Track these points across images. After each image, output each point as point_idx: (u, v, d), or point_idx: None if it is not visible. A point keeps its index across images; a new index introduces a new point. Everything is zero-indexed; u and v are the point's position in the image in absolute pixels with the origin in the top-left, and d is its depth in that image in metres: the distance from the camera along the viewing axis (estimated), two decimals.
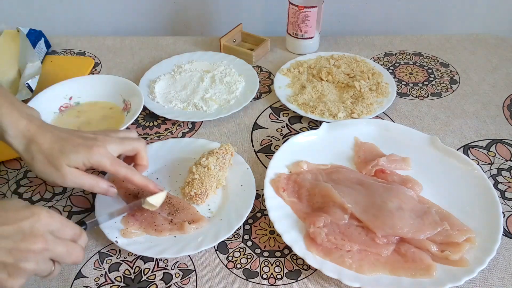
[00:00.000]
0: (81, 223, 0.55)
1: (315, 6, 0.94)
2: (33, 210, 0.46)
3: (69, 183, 0.56)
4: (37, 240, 0.45)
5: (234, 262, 0.61)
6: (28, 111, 0.59)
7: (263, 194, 0.67)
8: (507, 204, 0.68)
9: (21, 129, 0.56)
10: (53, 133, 0.57)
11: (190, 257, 0.62)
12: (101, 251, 0.63)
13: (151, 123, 0.84)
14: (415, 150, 0.74)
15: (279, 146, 0.76)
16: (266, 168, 0.71)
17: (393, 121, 0.83)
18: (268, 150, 0.78)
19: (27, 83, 0.81)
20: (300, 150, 0.74)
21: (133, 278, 0.60)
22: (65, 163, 0.55)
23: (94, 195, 0.70)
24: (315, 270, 0.60)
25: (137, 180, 0.60)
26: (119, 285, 0.59)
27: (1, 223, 0.44)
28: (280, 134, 0.81)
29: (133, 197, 0.66)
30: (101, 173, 0.71)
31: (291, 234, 0.62)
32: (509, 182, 0.72)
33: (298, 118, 0.85)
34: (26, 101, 0.82)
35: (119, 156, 0.60)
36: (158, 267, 0.61)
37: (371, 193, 0.65)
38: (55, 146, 0.55)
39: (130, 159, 0.64)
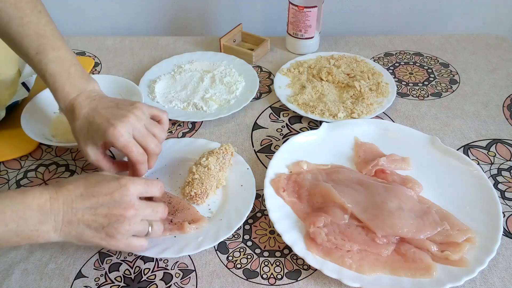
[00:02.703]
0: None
1: (315, 6, 0.94)
2: (121, 182, 0.53)
3: (92, 162, 0.62)
4: (127, 206, 0.52)
5: (234, 262, 0.61)
6: (82, 83, 0.63)
7: (263, 194, 0.67)
8: (507, 204, 0.68)
9: (67, 103, 0.61)
10: (88, 107, 0.61)
11: (190, 257, 0.62)
12: (101, 251, 0.63)
13: None
14: (415, 150, 0.74)
15: (279, 146, 0.76)
16: (266, 168, 0.71)
17: (393, 121, 0.83)
18: (268, 150, 0.78)
19: (24, 82, 0.81)
20: (300, 150, 0.74)
21: (133, 278, 0.60)
22: (87, 144, 0.60)
23: None
24: (315, 270, 0.60)
25: (137, 173, 0.62)
26: (119, 285, 0.59)
27: (97, 195, 0.51)
28: (280, 134, 0.81)
29: None
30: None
31: (291, 234, 0.62)
32: (509, 182, 0.72)
33: (298, 118, 0.85)
34: (24, 100, 0.82)
35: None
36: (158, 267, 0.61)
37: (371, 193, 0.65)
38: (84, 124, 0.60)
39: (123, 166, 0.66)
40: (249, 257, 0.62)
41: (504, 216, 0.66)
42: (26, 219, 0.48)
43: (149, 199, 0.60)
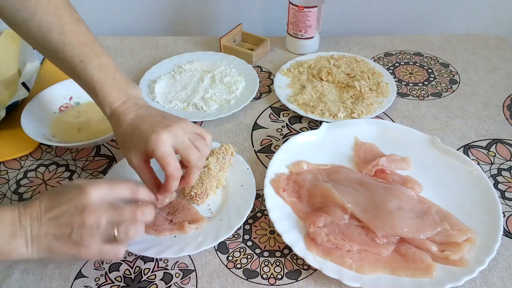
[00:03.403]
0: None
1: (315, 6, 0.94)
2: (82, 188, 0.51)
3: (134, 169, 0.60)
4: (87, 210, 0.50)
5: (234, 262, 0.61)
6: (127, 89, 0.62)
7: (263, 194, 0.67)
8: (507, 204, 0.68)
9: (113, 108, 0.61)
10: (134, 114, 0.60)
11: (190, 257, 0.62)
12: None
13: None
14: (415, 150, 0.74)
15: (279, 146, 0.76)
16: (266, 168, 0.71)
17: (393, 121, 0.83)
18: (268, 150, 0.78)
19: (23, 82, 0.81)
20: (300, 150, 0.74)
21: (133, 278, 0.60)
22: (130, 151, 0.59)
23: None
24: (315, 270, 0.60)
25: (167, 187, 0.58)
26: (119, 285, 0.59)
27: (59, 204, 0.50)
28: (280, 134, 0.81)
29: None
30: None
31: (291, 234, 0.62)
32: (509, 182, 0.72)
33: (298, 118, 0.85)
34: (24, 100, 0.82)
35: None
36: (158, 267, 0.61)
37: (371, 193, 0.65)
38: (127, 130, 0.59)
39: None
40: (249, 257, 0.62)
41: (504, 216, 0.66)
42: (1, 235, 0.49)
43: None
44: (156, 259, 0.62)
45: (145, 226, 0.62)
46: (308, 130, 0.82)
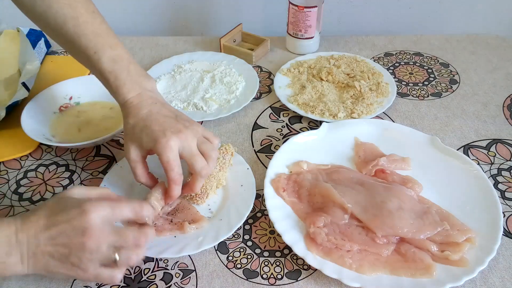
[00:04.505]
0: None
1: (315, 6, 0.94)
2: (82, 207, 0.49)
3: (129, 161, 0.60)
4: (87, 233, 0.48)
5: (234, 262, 0.61)
6: (142, 81, 0.63)
7: (263, 194, 0.67)
8: (507, 204, 0.68)
9: (126, 100, 0.61)
10: (148, 110, 0.60)
11: (190, 257, 0.62)
12: None
13: None
14: (415, 150, 0.74)
15: (279, 146, 0.76)
16: (266, 168, 0.71)
17: (393, 121, 0.83)
18: (268, 150, 0.78)
19: (23, 82, 0.81)
20: (300, 150, 0.74)
21: (133, 278, 0.60)
22: (134, 143, 0.59)
23: None
24: (315, 270, 0.60)
25: (170, 192, 0.59)
26: (119, 285, 0.59)
27: (57, 223, 0.49)
28: (280, 134, 0.81)
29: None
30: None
31: (291, 234, 0.62)
32: (509, 182, 0.72)
33: (298, 118, 0.85)
34: (24, 100, 0.82)
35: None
36: (158, 267, 0.61)
37: (371, 193, 0.65)
38: (138, 124, 0.59)
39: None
40: (249, 257, 0.62)
41: (504, 216, 0.66)
42: None
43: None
44: (156, 259, 0.62)
45: None
46: (308, 130, 0.82)
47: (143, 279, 0.59)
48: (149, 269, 0.61)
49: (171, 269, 0.60)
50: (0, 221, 0.49)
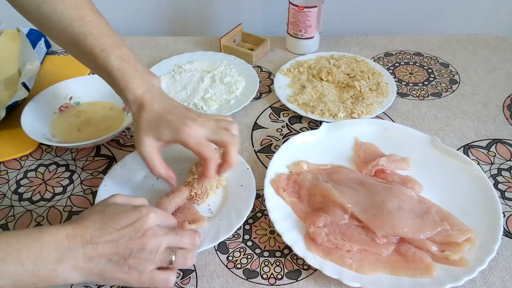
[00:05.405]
0: None
1: (315, 6, 0.94)
2: (141, 211, 0.51)
3: (143, 153, 0.60)
4: (149, 234, 0.50)
5: (234, 262, 0.61)
6: (149, 78, 0.64)
7: (263, 194, 0.67)
8: (507, 204, 0.68)
9: (137, 95, 0.61)
10: (160, 104, 0.61)
11: None
12: None
13: None
14: (415, 150, 0.74)
15: (279, 146, 0.76)
16: (266, 168, 0.71)
17: (393, 121, 0.83)
18: (268, 150, 0.78)
19: (23, 82, 0.81)
20: (300, 150, 0.74)
21: None
22: (149, 136, 0.60)
23: (94, 195, 0.70)
24: (315, 270, 0.60)
25: (207, 172, 0.61)
26: (119, 285, 0.59)
27: (117, 227, 0.50)
28: (280, 134, 0.81)
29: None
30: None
31: (291, 234, 0.62)
32: (509, 182, 0.72)
33: (298, 118, 0.85)
34: (24, 100, 0.82)
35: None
36: None
37: (371, 193, 0.65)
38: (154, 118, 0.60)
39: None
40: (249, 257, 0.62)
41: (504, 216, 0.66)
42: (43, 258, 0.46)
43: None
44: None
45: None
46: (308, 130, 0.82)
47: None
48: None
49: None
50: (47, 228, 0.48)
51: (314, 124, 0.83)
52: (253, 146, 0.79)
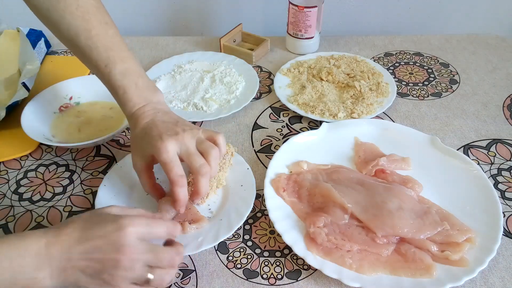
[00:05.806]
0: None
1: (315, 6, 0.94)
2: (119, 223, 0.48)
3: (136, 171, 0.62)
4: (124, 250, 0.47)
5: (234, 262, 0.61)
6: (148, 94, 0.64)
7: (263, 194, 0.67)
8: (507, 204, 0.68)
9: (132, 112, 0.62)
10: (149, 119, 0.61)
11: (190, 257, 0.62)
12: None
13: None
14: (415, 150, 0.74)
15: (279, 146, 0.76)
16: (266, 168, 0.71)
17: (393, 121, 0.83)
18: (268, 150, 0.78)
19: (23, 82, 0.81)
20: (300, 150, 0.74)
21: None
22: (138, 153, 0.61)
23: (94, 195, 0.70)
24: (315, 270, 0.60)
25: (172, 195, 0.58)
26: None
27: (93, 238, 0.47)
28: (280, 134, 0.81)
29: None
30: None
31: (291, 234, 0.62)
32: (509, 182, 0.72)
33: (298, 118, 0.85)
34: (24, 100, 0.82)
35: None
36: None
37: (371, 193, 0.65)
38: (139, 134, 0.61)
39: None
40: (249, 257, 0.62)
41: (504, 216, 0.66)
42: (23, 267, 0.46)
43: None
44: None
45: None
46: (308, 130, 0.82)
47: None
48: None
49: None
50: (29, 234, 0.48)
51: (314, 124, 0.83)
52: (253, 146, 0.79)
